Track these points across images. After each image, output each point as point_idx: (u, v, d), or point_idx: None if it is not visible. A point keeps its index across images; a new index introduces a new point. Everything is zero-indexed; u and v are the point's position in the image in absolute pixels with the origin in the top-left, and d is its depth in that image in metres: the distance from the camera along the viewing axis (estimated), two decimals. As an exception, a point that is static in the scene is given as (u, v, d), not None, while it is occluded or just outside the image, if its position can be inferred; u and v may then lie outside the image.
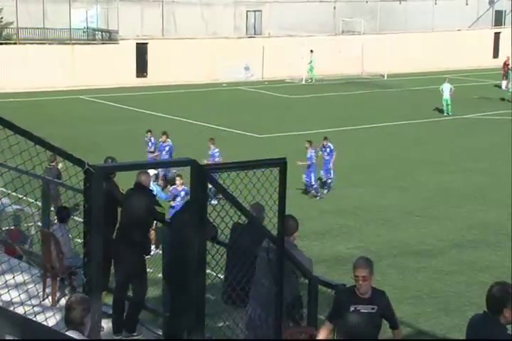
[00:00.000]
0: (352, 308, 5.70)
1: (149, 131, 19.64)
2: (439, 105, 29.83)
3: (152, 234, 12.05)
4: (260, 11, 40.20)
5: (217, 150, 17.95)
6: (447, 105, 29.09)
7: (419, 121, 27.76)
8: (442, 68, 40.67)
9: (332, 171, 18.43)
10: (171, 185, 16.18)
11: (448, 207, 17.10)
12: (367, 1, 42.25)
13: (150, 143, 19.48)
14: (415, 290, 12.49)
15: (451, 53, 41.48)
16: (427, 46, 41.28)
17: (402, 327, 10.86)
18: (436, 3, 43.80)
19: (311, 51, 36.26)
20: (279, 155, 6.26)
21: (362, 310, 5.70)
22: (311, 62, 36.60)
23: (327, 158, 18.48)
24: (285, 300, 6.00)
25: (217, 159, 17.42)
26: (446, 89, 29.08)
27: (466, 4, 44.77)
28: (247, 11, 39.89)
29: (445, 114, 29.17)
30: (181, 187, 14.61)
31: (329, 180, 18.34)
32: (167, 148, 18.82)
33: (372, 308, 5.70)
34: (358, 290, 5.74)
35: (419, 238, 15.15)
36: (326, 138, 18.96)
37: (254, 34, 39.82)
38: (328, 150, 18.59)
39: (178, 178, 14.79)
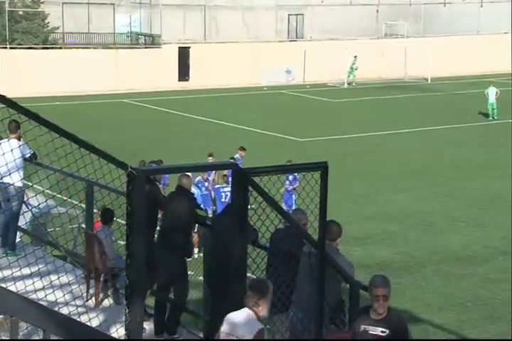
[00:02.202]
0: (362, 328, 5.38)
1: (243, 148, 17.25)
2: (483, 109, 29.32)
3: (195, 237, 12.10)
4: (302, 14, 40.15)
5: None
6: (493, 109, 28.56)
7: (464, 125, 27.34)
8: (488, 72, 39.97)
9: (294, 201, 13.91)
10: None
11: (493, 213, 16.77)
12: (410, 4, 41.82)
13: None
14: (460, 297, 12.27)
15: (497, 56, 40.74)
16: (472, 49, 40.64)
17: (445, 334, 10.78)
18: (482, 6, 43.10)
19: (355, 57, 36.07)
20: (320, 159, 6.23)
21: (370, 332, 5.34)
22: (353, 65, 36.32)
23: (289, 187, 14.04)
24: (327, 304, 5.95)
25: None
26: (492, 93, 28.57)
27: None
28: (289, 15, 39.89)
29: (490, 118, 28.65)
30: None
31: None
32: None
33: (383, 331, 5.29)
34: (374, 311, 5.37)
35: (464, 244, 14.89)
36: (289, 162, 14.39)
37: (296, 38, 39.80)
38: (290, 177, 14.26)
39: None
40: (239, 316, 5.08)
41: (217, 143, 23.62)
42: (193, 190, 13.50)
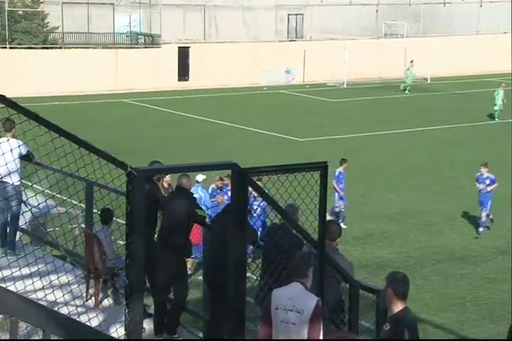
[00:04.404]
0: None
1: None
2: (483, 109, 29.31)
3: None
4: (302, 14, 40.14)
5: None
6: (495, 110, 28.32)
7: (463, 125, 27.33)
8: (487, 71, 39.98)
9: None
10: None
11: (493, 213, 16.74)
12: (410, 4, 41.81)
13: None
14: (459, 297, 12.27)
15: (497, 56, 40.75)
16: (472, 49, 40.65)
17: (445, 333, 10.77)
18: (481, 6, 43.11)
19: (411, 61, 35.29)
20: (320, 159, 6.23)
21: (384, 327, 5.47)
22: (408, 69, 35.26)
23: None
24: (326, 304, 5.95)
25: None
26: (497, 94, 28.28)
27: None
28: (289, 15, 39.88)
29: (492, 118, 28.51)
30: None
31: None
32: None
33: (386, 326, 5.41)
34: None
35: (463, 244, 14.89)
36: (259, 180, 10.89)
37: (296, 38, 39.79)
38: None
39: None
40: (292, 291, 5.31)
41: (218, 143, 23.63)
42: (200, 193, 13.29)
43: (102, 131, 24.17)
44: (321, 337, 5.30)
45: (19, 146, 8.40)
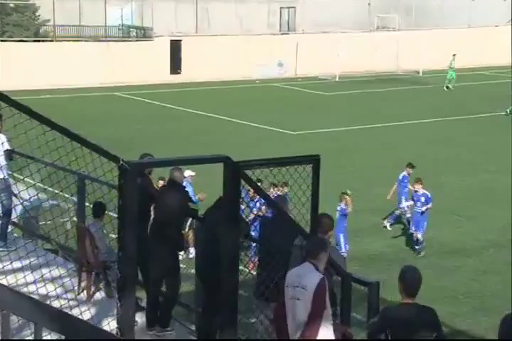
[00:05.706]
0: None
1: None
2: (475, 102, 29.36)
3: (190, 235, 11.97)
4: (294, 7, 40.08)
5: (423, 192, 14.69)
6: None
7: (455, 118, 27.39)
8: (479, 64, 40.05)
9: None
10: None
11: (486, 207, 16.82)
12: (402, -3, 41.85)
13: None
14: (451, 289, 12.33)
15: (489, 49, 40.84)
16: (464, 42, 40.71)
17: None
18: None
19: (454, 55, 34.19)
20: (312, 152, 6.24)
21: None
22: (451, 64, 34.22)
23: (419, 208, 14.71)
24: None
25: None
26: None
27: (505, 0, 44.00)
28: (281, 8, 39.81)
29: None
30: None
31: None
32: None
33: None
34: None
35: (456, 237, 14.95)
36: (279, 185, 12.08)
37: (288, 31, 39.73)
38: (422, 198, 14.64)
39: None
40: (301, 269, 5.58)
41: (211, 136, 23.60)
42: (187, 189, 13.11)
43: (94, 125, 24.08)
44: (326, 315, 5.43)
45: (9, 141, 8.38)
